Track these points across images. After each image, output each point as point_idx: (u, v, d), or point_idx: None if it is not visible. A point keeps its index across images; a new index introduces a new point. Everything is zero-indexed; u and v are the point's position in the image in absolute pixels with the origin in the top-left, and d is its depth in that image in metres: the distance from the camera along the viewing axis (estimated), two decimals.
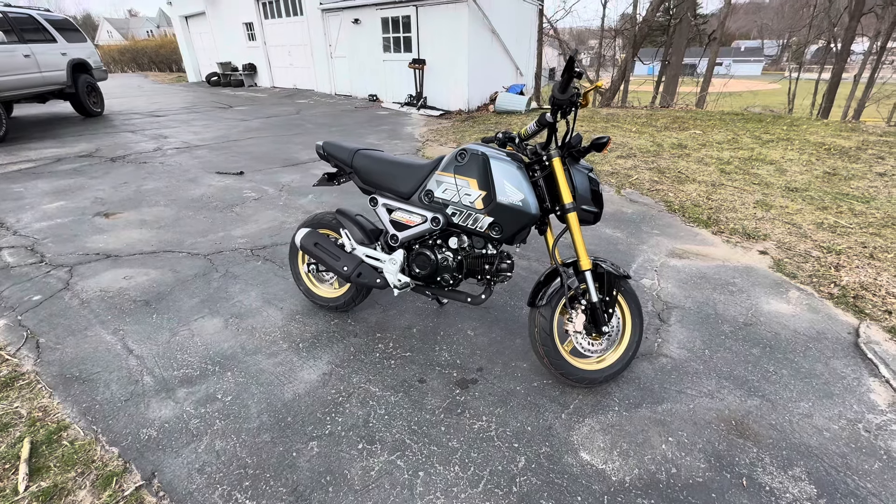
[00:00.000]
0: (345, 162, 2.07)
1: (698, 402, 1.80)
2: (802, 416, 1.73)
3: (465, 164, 1.78)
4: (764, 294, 2.57)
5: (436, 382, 1.91)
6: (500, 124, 7.89)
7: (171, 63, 23.60)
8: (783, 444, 1.61)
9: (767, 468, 1.52)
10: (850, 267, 2.80)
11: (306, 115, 9.29)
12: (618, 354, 1.86)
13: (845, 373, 1.96)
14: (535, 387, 1.88)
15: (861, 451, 1.58)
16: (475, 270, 1.94)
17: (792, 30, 32.79)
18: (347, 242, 2.05)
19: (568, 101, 1.56)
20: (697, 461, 1.55)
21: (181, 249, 3.12)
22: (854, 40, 16.98)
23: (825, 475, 1.49)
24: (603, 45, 21.95)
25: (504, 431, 1.66)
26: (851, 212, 3.65)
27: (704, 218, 3.62)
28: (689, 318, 2.35)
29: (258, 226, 3.53)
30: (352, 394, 1.84)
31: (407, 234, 1.96)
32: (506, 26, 9.87)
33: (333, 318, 2.34)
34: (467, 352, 2.09)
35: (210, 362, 2.02)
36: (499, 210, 1.70)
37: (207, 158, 5.66)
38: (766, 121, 7.57)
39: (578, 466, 1.53)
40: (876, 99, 16.79)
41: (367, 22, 10.54)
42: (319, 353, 2.08)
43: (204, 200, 4.12)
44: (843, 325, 2.29)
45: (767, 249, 3.10)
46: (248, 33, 14.27)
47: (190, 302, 2.49)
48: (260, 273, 2.80)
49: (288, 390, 1.86)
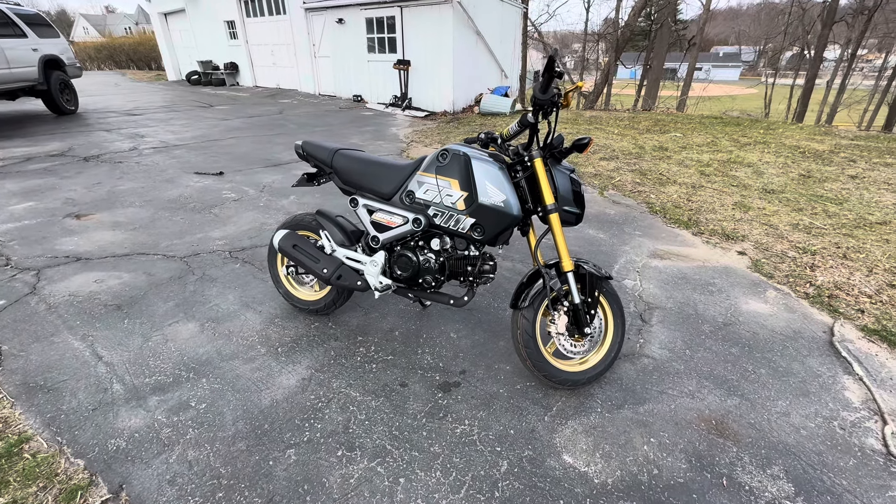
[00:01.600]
0: (324, 162, 2.03)
1: (679, 403, 1.81)
2: (780, 414, 1.76)
3: (447, 165, 1.76)
4: (742, 294, 2.61)
5: (418, 386, 1.88)
6: (484, 126, 7.90)
7: (150, 61, 23.06)
8: (762, 442, 1.63)
9: (747, 467, 1.53)
10: (824, 267, 2.86)
11: (289, 114, 9.16)
12: (600, 356, 1.86)
13: (821, 371, 1.99)
14: (518, 389, 1.87)
15: (836, 448, 1.61)
16: (458, 272, 1.92)
17: (768, 37, 33.75)
18: (327, 244, 2.01)
19: (549, 102, 1.55)
20: (678, 462, 1.55)
21: (156, 252, 3.03)
22: (826, 48, 17.55)
23: (802, 473, 1.51)
24: (587, 49, 22.24)
25: (487, 435, 1.64)
26: (825, 213, 3.74)
27: (685, 219, 3.67)
28: (671, 318, 2.37)
29: (237, 227, 3.45)
30: (331, 399, 1.80)
31: (388, 235, 1.93)
32: (490, 28, 9.91)
33: (314, 322, 2.29)
34: (450, 354, 2.07)
35: (184, 368, 1.95)
36: (480, 211, 1.68)
37: (186, 158, 5.53)
38: (743, 124, 7.74)
39: (561, 469, 1.52)
40: (847, 104, 17.38)
41: (352, 22, 10.45)
42: (299, 358, 2.03)
43: (181, 201, 4.01)
44: (819, 324, 2.34)
45: (745, 250, 3.15)
46: (229, 31, 14.02)
47: (164, 306, 2.41)
48: (238, 276, 2.73)
49: (265, 396, 1.80)
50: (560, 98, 1.55)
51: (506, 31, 10.89)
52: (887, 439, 1.63)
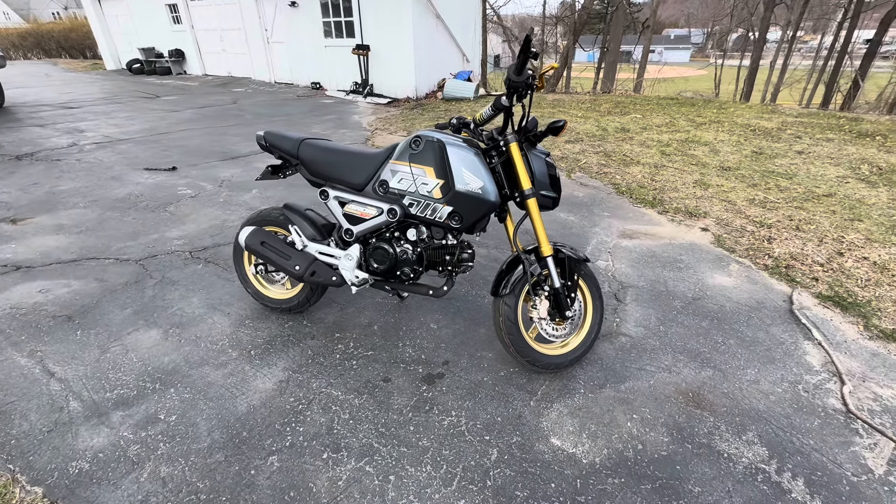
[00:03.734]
0: (290, 153, 1.92)
1: (658, 378, 1.86)
2: (750, 382, 1.84)
3: (421, 152, 1.70)
4: (708, 269, 2.71)
5: (401, 380, 1.84)
6: (450, 111, 7.81)
7: (85, 49, 21.33)
8: (736, 410, 1.70)
9: (724, 435, 1.59)
10: (780, 239, 3.01)
11: (244, 104, 8.72)
12: (580, 338, 1.88)
13: (783, 338, 2.10)
14: (502, 376, 1.86)
15: (802, 410, 1.70)
16: (436, 262, 1.88)
17: (715, 19, 35.03)
18: (298, 239, 1.92)
19: (524, 84, 1.51)
20: (661, 435, 1.60)
21: (107, 256, 2.81)
22: (769, 29, 18.41)
23: (774, 437, 1.59)
24: (545, 33, 22.34)
25: (474, 425, 1.63)
26: (777, 188, 3.94)
27: (650, 198, 3.77)
28: (644, 296, 2.43)
29: (197, 226, 3.25)
30: (312, 400, 1.73)
31: (362, 227, 1.86)
32: (450, 12, 9.73)
33: (287, 321, 2.20)
34: (431, 346, 2.04)
35: (149, 379, 1.83)
36: (458, 199, 1.64)
37: (133, 153, 5.16)
38: (697, 105, 8.02)
39: (550, 453, 1.53)
40: (789, 83, 18.38)
41: (306, 5, 10.00)
42: (274, 360, 1.94)
43: (132, 200, 3.74)
44: (779, 293, 2.46)
45: (708, 227, 3.28)
46: (172, 16, 13.13)
47: (121, 314, 2.24)
48: (202, 277, 2.57)
49: (241, 403, 1.72)
50: (535, 80, 1.52)
51: (466, 14, 10.73)
52: (846, 398, 1.75)
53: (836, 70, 15.69)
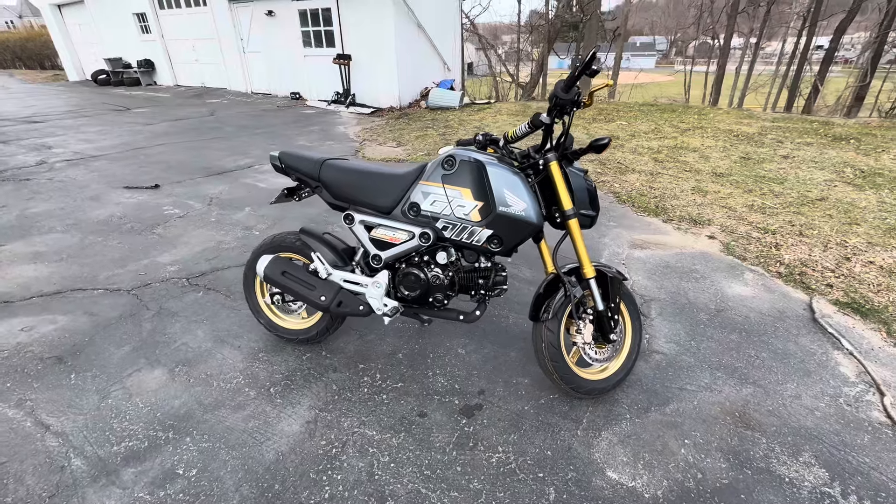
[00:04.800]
0: (310, 175, 1.79)
1: (700, 398, 1.81)
2: (792, 398, 1.81)
3: (456, 173, 1.60)
4: (724, 278, 2.70)
5: (438, 414, 1.73)
6: (436, 120, 7.75)
7: (44, 59, 20.37)
8: (785, 429, 1.66)
9: (780, 458, 1.55)
10: (786, 245, 3.05)
11: (222, 116, 8.44)
12: (621, 360, 1.81)
13: (813, 349, 2.09)
14: (542, 404, 1.78)
15: (850, 426, 1.68)
16: (468, 286, 1.79)
17: (678, 27, 36.39)
18: (321, 267, 1.79)
19: (570, 102, 1.44)
20: (717, 461, 1.54)
21: (95, 286, 2.59)
22: (733, 37, 19.21)
23: (829, 456, 1.55)
24: (521, 41, 22.68)
25: (525, 461, 1.53)
26: (772, 193, 4.02)
27: (652, 206, 3.78)
28: (667, 309, 2.40)
29: (190, 249, 3.06)
30: (346, 442, 1.60)
31: (391, 252, 1.75)
32: (431, 21, 9.71)
33: (305, 352, 2.05)
34: (463, 374, 1.94)
35: (160, 427, 1.65)
36: (499, 221, 1.56)
37: (110, 171, 4.87)
38: (678, 111, 8.22)
39: (609, 488, 1.45)
40: (753, 88, 19.18)
41: (283, 14, 9.80)
42: (297, 398, 1.80)
43: (114, 222, 3.50)
44: (797, 301, 2.47)
45: (714, 234, 3.29)
46: (140, 25, 12.67)
47: (118, 352, 2.05)
48: (204, 306, 2.40)
49: (268, 450, 1.57)
50: (581, 97, 1.46)
51: (446, 23, 10.73)
52: (889, 410, 1.73)
53: (798, 75, 16.48)
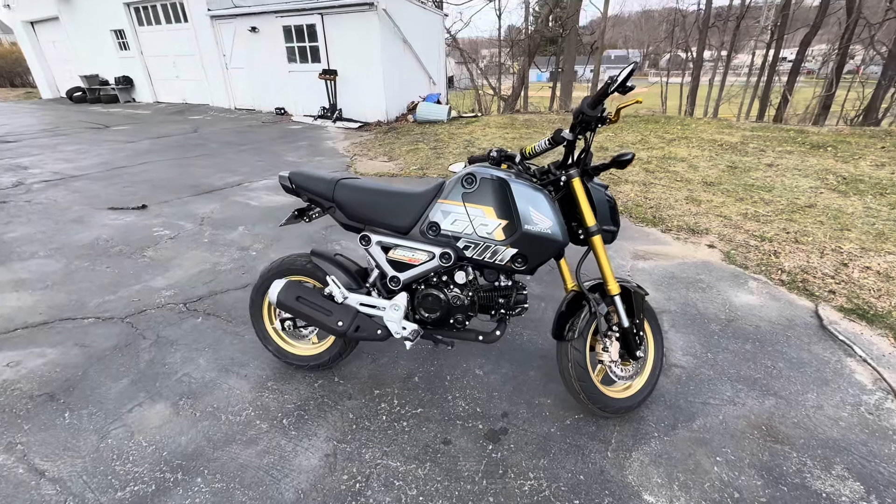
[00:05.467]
0: (323, 195, 1.73)
1: (725, 412, 1.79)
2: (815, 408, 1.81)
3: (477, 191, 1.57)
4: (729, 287, 2.72)
5: (463, 441, 1.66)
6: (425, 134, 7.76)
7: (14, 77, 19.81)
8: (814, 442, 1.65)
9: (814, 472, 1.53)
10: (784, 253, 3.10)
11: (206, 132, 8.29)
12: (645, 377, 1.78)
13: (827, 357, 2.10)
14: (568, 425, 1.73)
15: (875, 435, 1.68)
16: (488, 305, 1.74)
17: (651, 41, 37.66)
18: (337, 291, 1.71)
19: (595, 118, 1.43)
20: (752, 479, 1.51)
21: (85, 314, 2.45)
22: (705, 50, 19.96)
23: (861, 468, 1.54)
24: (502, 55, 23.11)
25: (559, 488, 1.48)
26: (763, 201, 4.11)
27: (650, 217, 3.82)
28: (679, 321, 2.39)
29: (185, 272, 2.94)
30: (369, 476, 1.52)
31: (410, 274, 1.69)
32: (416, 36, 9.80)
33: (316, 379, 1.96)
34: (484, 396, 1.88)
35: (167, 468, 1.54)
36: (525, 240, 1.52)
37: (92, 191, 4.69)
38: (661, 121, 8.42)
39: None
40: (727, 98, 19.89)
41: (267, 31, 9.75)
42: (312, 429, 1.71)
43: (101, 245, 3.35)
44: (803, 309, 2.50)
45: (713, 243, 3.33)
46: (119, 42, 12.43)
47: (116, 386, 1.93)
48: (204, 333, 2.28)
49: (287, 488, 1.47)
50: (608, 113, 1.44)
51: (430, 38, 10.86)
52: None
53: (768, 86, 17.16)
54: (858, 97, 16.21)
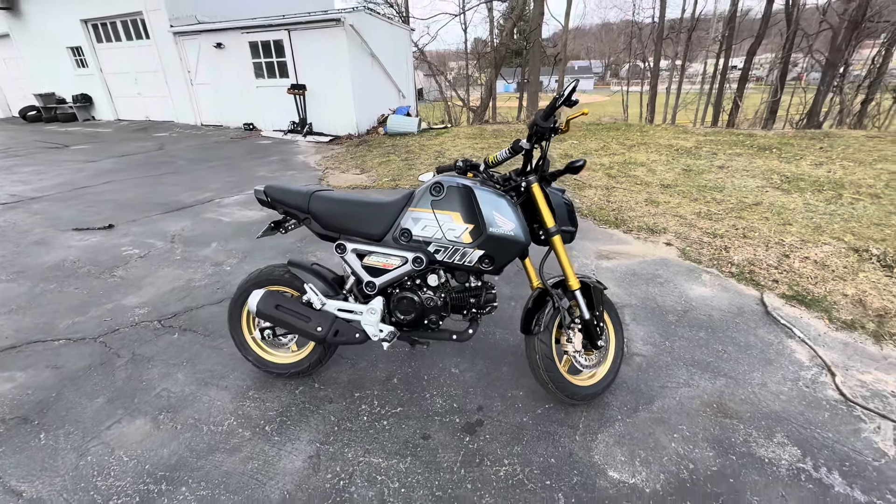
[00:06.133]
0: (298, 207, 1.81)
1: (681, 393, 1.94)
2: (760, 385, 1.99)
3: (444, 198, 1.68)
4: (685, 281, 2.93)
5: (441, 435, 1.75)
6: (396, 146, 7.87)
7: None
8: (758, 415, 1.82)
9: (758, 441, 1.69)
10: (734, 248, 3.35)
11: (172, 150, 8.15)
12: (608, 365, 1.92)
13: (770, 339, 2.31)
14: (540, 414, 1.84)
15: (811, 405, 1.87)
16: (460, 306, 1.85)
17: (611, 52, 39.29)
18: (315, 298, 1.78)
19: (549, 129, 1.57)
20: (705, 451, 1.66)
21: (55, 336, 2.42)
22: (661, 60, 21.01)
23: (799, 435, 1.72)
24: (469, 67, 23.61)
25: (531, 471, 1.59)
26: (714, 200, 4.41)
27: (612, 219, 4.03)
28: (640, 314, 2.56)
29: (157, 289, 2.92)
30: (353, 473, 1.59)
31: (385, 279, 1.78)
32: (384, 50, 9.96)
33: (297, 386, 2.01)
34: (460, 392, 1.97)
35: (151, 480, 1.57)
36: (490, 242, 1.64)
37: (54, 212, 4.57)
38: (622, 128, 8.83)
39: (613, 487, 1.52)
40: (683, 105, 20.94)
41: (233, 47, 9.71)
42: (295, 433, 1.76)
43: (67, 267, 3.28)
44: (750, 297, 2.72)
45: (670, 241, 3.56)
46: (76, 59, 12.08)
47: (92, 405, 1.92)
48: (181, 348, 2.29)
49: (273, 490, 1.52)
50: (559, 124, 1.59)
51: (398, 52, 11.04)
52: (840, 388, 1.94)
53: (720, 93, 18.19)
54: (802, 102, 17.40)
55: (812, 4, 20.04)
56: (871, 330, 2.34)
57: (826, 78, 14.70)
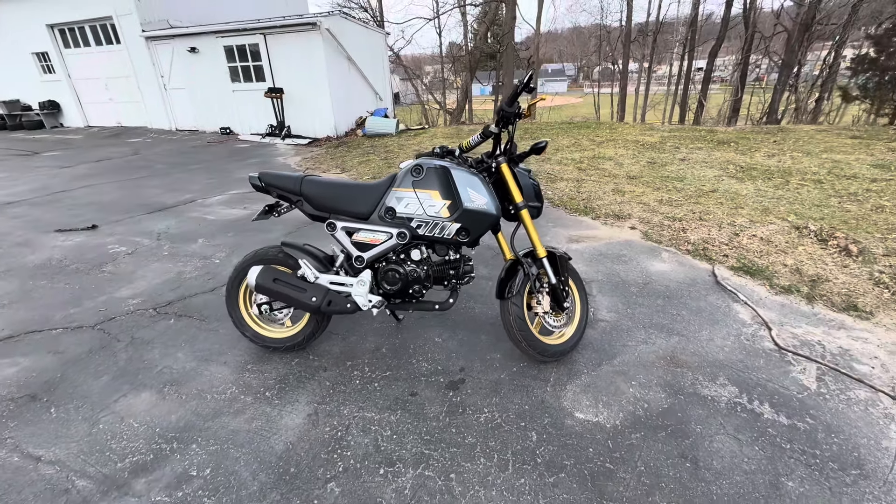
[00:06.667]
0: (291, 191, 1.98)
1: (640, 349, 2.19)
2: (707, 340, 2.25)
3: (424, 178, 1.88)
4: (646, 259, 3.20)
5: (427, 392, 1.94)
6: (375, 147, 8.04)
7: None
8: (704, 364, 2.08)
9: (703, 383, 1.95)
10: (691, 229, 3.66)
11: (148, 154, 8.10)
12: (574, 326, 2.16)
13: (719, 304, 2.59)
14: (515, 371, 2.06)
15: (749, 354, 2.14)
16: (441, 277, 2.05)
17: (583, 55, 40.35)
18: (309, 272, 1.96)
19: (513, 114, 1.79)
20: (658, 393, 1.90)
21: (53, 326, 2.51)
22: (630, 62, 21.79)
23: (738, 377, 1.98)
24: (445, 70, 23.92)
25: (508, 416, 1.79)
26: (675, 189, 4.74)
27: (582, 207, 4.31)
28: (605, 287, 2.81)
29: (148, 282, 3.02)
30: (349, 425, 1.76)
31: (372, 252, 1.97)
32: (360, 54, 10.11)
33: (292, 359, 2.18)
34: (443, 357, 2.17)
35: (162, 440, 1.71)
36: (466, 216, 1.85)
37: (33, 216, 4.56)
38: (592, 126, 9.22)
39: (579, 425, 1.74)
40: (652, 105, 21.75)
41: (207, 51, 9.70)
42: (294, 396, 1.93)
43: (55, 265, 3.34)
44: (703, 270, 3.01)
45: (634, 225, 3.85)
46: (42, 65, 11.80)
47: (97, 383, 2.04)
48: (179, 332, 2.42)
49: (276, 442, 1.69)
50: (522, 110, 1.81)
51: (375, 56, 11.21)
52: (775, 339, 2.23)
53: (685, 93, 18.99)
54: (761, 101, 18.30)
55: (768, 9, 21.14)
56: (805, 293, 2.65)
57: (782, 77, 15.56)
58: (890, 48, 10.29)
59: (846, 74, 13.91)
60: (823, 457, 1.58)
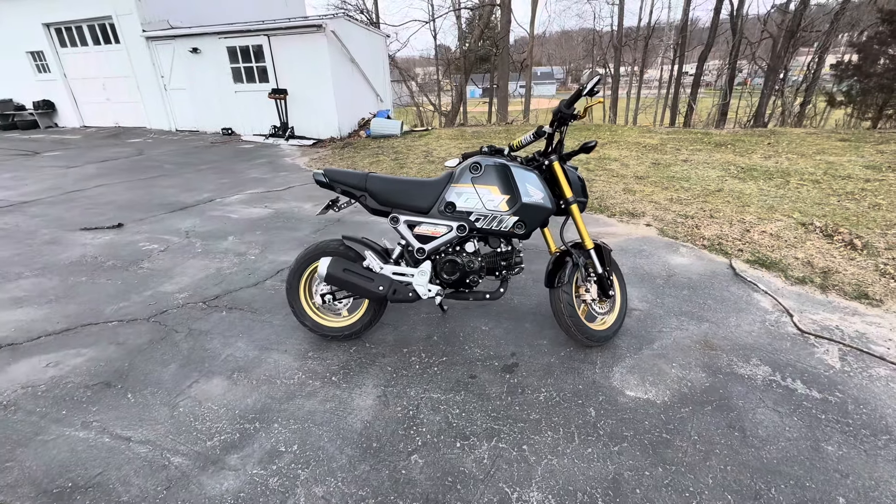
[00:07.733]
0: (357, 186, 2.10)
1: (675, 335, 2.35)
2: (735, 326, 2.42)
3: (483, 175, 2.02)
4: (666, 253, 3.38)
5: (485, 374, 2.07)
6: (382, 148, 8.14)
7: None
8: (737, 346, 2.25)
9: (738, 364, 2.11)
10: (704, 226, 3.85)
11: (153, 154, 8.09)
12: (616, 314, 2.31)
13: (741, 294, 2.77)
14: (563, 356, 2.20)
15: (776, 338, 2.31)
16: (494, 268, 2.18)
17: (571, 58, 40.90)
18: (374, 263, 2.08)
19: (570, 115, 1.94)
20: (699, 373, 2.06)
21: (107, 319, 2.58)
22: (621, 66, 22.23)
23: (769, 358, 2.15)
24: (439, 73, 24.09)
25: (565, 395, 1.94)
26: (683, 188, 4.95)
27: (597, 206, 4.49)
28: (632, 279, 2.98)
29: (191, 277, 3.10)
30: (419, 405, 1.89)
31: (433, 244, 2.10)
32: (363, 56, 10.21)
33: (350, 347, 2.29)
34: (493, 343, 2.30)
35: (245, 421, 1.81)
36: (524, 209, 1.99)
37: (54, 214, 4.58)
38: (592, 129, 9.45)
39: (632, 402, 1.89)
40: (643, 108, 22.20)
41: (210, 52, 9.71)
42: (360, 380, 2.04)
43: (90, 262, 3.39)
44: (721, 263, 3.19)
45: (649, 222, 4.03)
46: (36, 64, 11.65)
47: (166, 370, 2.13)
48: (233, 323, 2.51)
49: (354, 421, 1.80)
50: (577, 112, 1.96)
51: (376, 58, 11.32)
52: (798, 324, 2.41)
53: (676, 97, 19.45)
54: (748, 104, 18.82)
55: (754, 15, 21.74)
56: (818, 283, 2.84)
57: (769, 82, 16.05)
58: (872, 55, 10.75)
59: (828, 80, 14.45)
60: (856, 425, 1.75)
